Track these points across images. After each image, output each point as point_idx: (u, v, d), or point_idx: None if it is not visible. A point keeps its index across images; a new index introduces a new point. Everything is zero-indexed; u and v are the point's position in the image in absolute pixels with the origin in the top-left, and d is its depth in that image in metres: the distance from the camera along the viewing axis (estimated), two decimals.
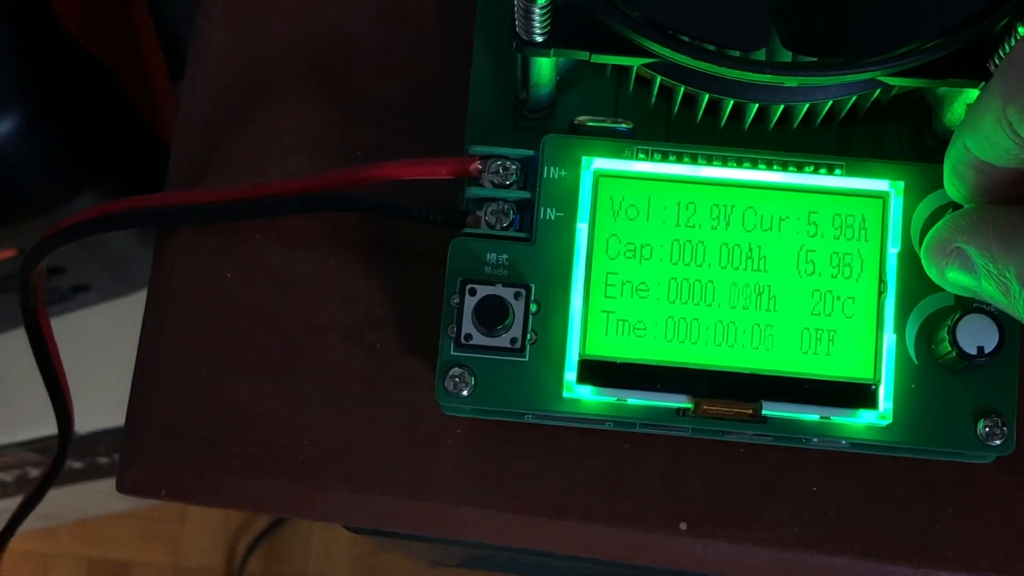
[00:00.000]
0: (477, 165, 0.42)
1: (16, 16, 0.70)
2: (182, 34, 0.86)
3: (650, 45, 0.38)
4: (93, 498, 1.17)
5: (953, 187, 0.38)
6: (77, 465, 1.06)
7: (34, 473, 1.04)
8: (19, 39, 0.70)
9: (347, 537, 1.23)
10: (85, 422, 0.96)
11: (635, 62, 0.40)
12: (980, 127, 0.35)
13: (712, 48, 0.38)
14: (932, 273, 0.40)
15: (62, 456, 0.52)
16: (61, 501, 1.15)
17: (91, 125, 0.76)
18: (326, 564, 1.24)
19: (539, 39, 0.39)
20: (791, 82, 0.38)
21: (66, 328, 0.86)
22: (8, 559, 1.25)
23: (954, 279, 0.39)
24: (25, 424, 0.96)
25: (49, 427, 0.96)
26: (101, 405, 0.93)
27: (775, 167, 0.41)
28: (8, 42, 0.69)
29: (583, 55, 0.40)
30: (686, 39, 0.38)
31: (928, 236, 0.39)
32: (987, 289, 0.37)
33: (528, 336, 0.41)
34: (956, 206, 0.40)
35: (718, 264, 0.41)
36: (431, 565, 1.08)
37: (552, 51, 0.40)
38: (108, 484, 1.11)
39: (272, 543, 1.24)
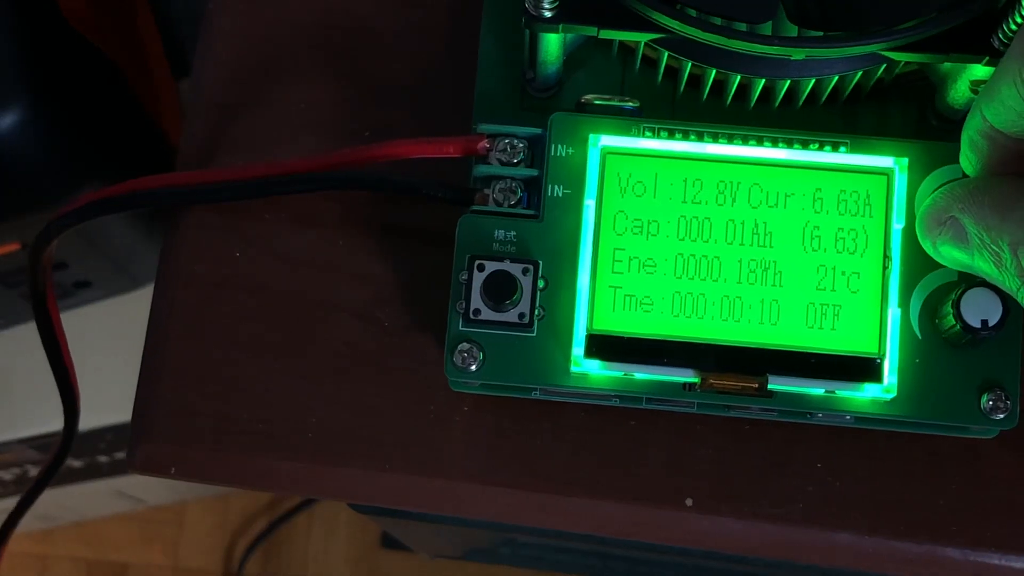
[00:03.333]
0: (485, 143, 0.42)
1: (20, 9, 0.70)
2: (183, 29, 0.86)
3: (659, 18, 0.38)
4: (92, 499, 1.17)
5: (967, 159, 0.39)
6: (77, 464, 1.06)
7: (34, 472, 1.04)
8: (23, 32, 0.70)
9: (345, 539, 1.23)
10: (86, 419, 0.96)
11: (643, 37, 0.41)
12: (997, 93, 0.35)
13: (719, 21, 0.38)
14: (926, 245, 0.40)
15: (69, 436, 0.52)
16: (60, 502, 1.15)
17: (95, 118, 0.76)
18: (324, 566, 1.24)
19: (548, 14, 0.40)
20: (798, 55, 0.38)
21: (68, 324, 0.86)
22: (7, 560, 1.25)
23: (946, 252, 0.39)
24: (26, 421, 0.96)
25: (50, 424, 0.96)
26: (102, 402, 0.93)
27: (781, 144, 0.42)
28: (12, 35, 0.70)
29: (591, 31, 0.40)
30: (693, 12, 0.38)
31: (924, 206, 0.40)
32: (979, 260, 0.37)
33: (536, 311, 0.41)
34: None
35: (724, 240, 0.42)
36: (432, 556, 1.08)
37: (561, 27, 0.40)
38: (108, 485, 1.11)
39: (271, 545, 1.25)
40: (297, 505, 1.24)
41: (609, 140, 0.42)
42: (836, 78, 0.42)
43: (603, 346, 0.41)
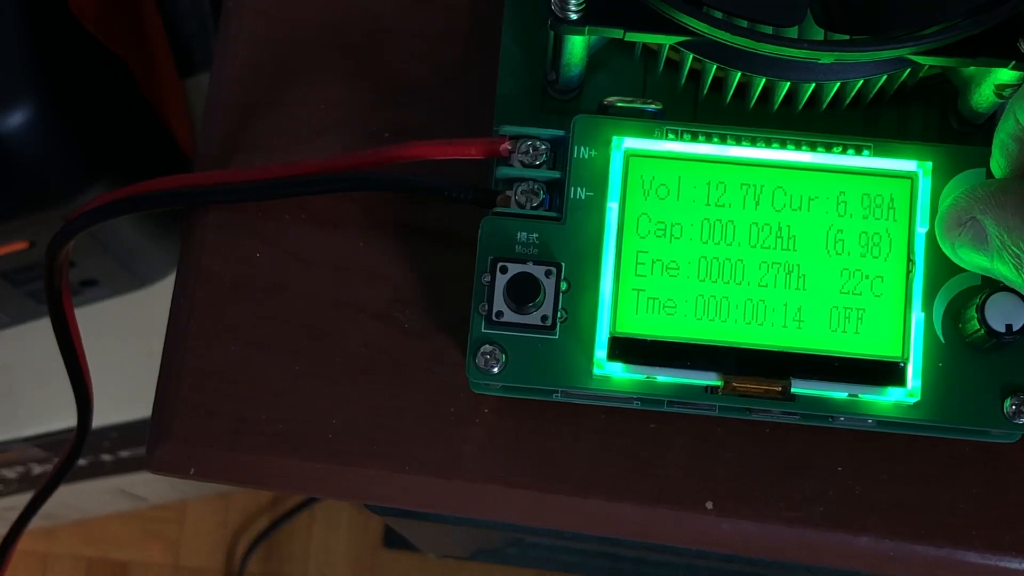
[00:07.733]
0: (507, 145, 0.42)
1: (29, 6, 0.70)
2: (189, 27, 0.86)
3: (687, 21, 0.38)
4: (94, 498, 1.17)
5: (997, 163, 0.38)
6: (80, 462, 1.06)
7: (38, 470, 1.03)
8: (32, 29, 0.70)
9: (347, 538, 1.23)
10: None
11: (670, 40, 0.41)
12: None
13: (745, 24, 0.38)
14: (945, 247, 0.40)
15: (83, 435, 0.52)
16: (62, 500, 1.15)
17: (104, 117, 0.76)
18: (326, 565, 1.24)
19: (574, 16, 0.39)
20: (827, 58, 0.38)
21: None
22: None
23: (965, 254, 0.39)
24: (30, 419, 0.96)
25: (54, 423, 0.96)
26: (106, 400, 0.93)
27: (804, 147, 0.42)
28: (21, 32, 0.69)
29: (617, 33, 0.40)
30: (719, 15, 0.38)
31: (945, 207, 0.40)
32: (999, 263, 0.37)
33: (559, 314, 0.41)
34: None
35: (748, 243, 0.42)
36: (439, 556, 1.08)
37: (586, 29, 0.40)
38: (109, 483, 1.11)
39: (272, 544, 1.24)
40: (299, 504, 1.23)
41: (632, 142, 0.42)
42: (861, 82, 0.42)
43: (626, 349, 0.41)
